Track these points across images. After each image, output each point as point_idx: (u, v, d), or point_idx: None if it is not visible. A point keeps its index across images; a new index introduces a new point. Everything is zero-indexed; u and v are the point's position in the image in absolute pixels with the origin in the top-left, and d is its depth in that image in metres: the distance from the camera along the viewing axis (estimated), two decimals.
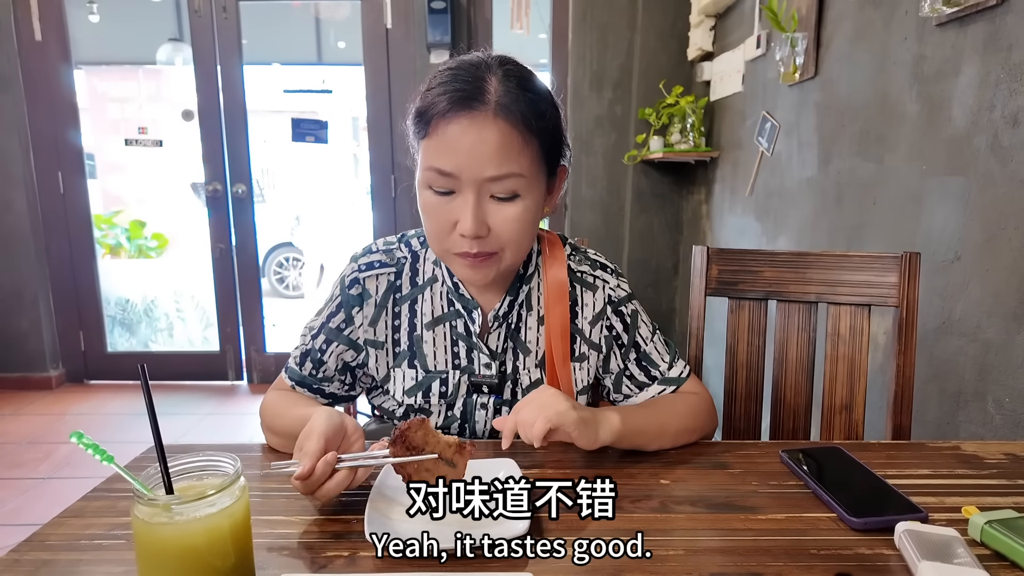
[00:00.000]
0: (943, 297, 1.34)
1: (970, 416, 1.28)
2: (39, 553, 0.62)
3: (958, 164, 1.31)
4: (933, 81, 1.39)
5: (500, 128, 0.76)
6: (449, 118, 0.76)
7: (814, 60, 1.89)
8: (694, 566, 0.60)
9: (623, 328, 0.96)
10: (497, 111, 0.76)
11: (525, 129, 0.77)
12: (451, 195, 0.79)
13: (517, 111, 0.76)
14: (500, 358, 0.92)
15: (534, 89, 0.80)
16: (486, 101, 0.76)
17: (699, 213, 3.01)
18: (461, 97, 0.75)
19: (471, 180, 0.77)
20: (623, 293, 0.97)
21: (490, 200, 0.78)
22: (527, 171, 0.78)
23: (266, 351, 3.54)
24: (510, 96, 0.76)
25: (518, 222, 0.80)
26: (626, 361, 0.96)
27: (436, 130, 0.77)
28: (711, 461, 0.83)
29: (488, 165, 0.76)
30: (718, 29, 2.78)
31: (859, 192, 1.69)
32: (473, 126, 0.75)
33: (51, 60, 3.22)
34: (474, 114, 0.75)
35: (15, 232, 3.28)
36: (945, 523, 0.65)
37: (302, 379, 0.94)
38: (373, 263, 0.92)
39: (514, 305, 0.92)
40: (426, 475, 0.69)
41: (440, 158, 0.77)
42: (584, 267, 0.96)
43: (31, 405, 3.19)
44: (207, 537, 0.52)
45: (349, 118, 6.54)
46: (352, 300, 0.91)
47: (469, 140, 0.75)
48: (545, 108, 0.80)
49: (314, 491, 0.67)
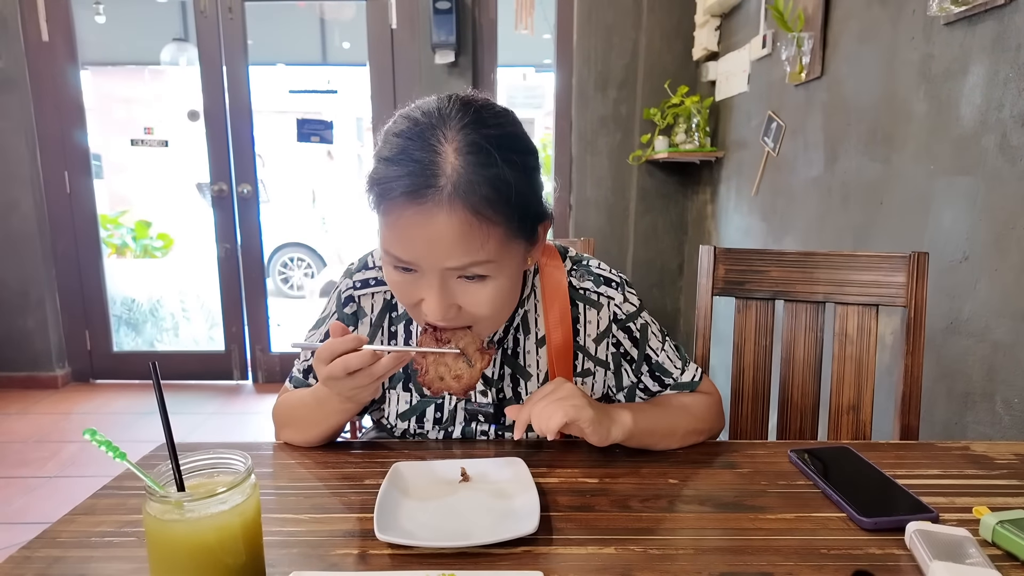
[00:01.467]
0: (951, 297, 1.34)
1: (978, 417, 1.27)
2: (50, 550, 0.62)
3: (966, 164, 1.30)
4: (941, 80, 1.38)
5: (459, 216, 0.65)
6: (401, 205, 0.66)
7: (820, 60, 1.89)
8: (704, 565, 0.60)
9: (631, 344, 0.91)
10: (453, 197, 0.65)
11: (490, 213, 0.66)
12: (413, 273, 0.70)
13: (477, 196, 0.65)
14: (496, 385, 0.88)
15: (498, 161, 0.67)
16: (439, 186, 0.65)
17: (704, 213, 3.01)
18: (410, 185, 0.65)
19: (431, 268, 0.68)
20: (631, 308, 0.90)
21: (458, 281, 0.70)
22: (494, 255, 0.69)
23: (271, 351, 3.55)
24: (469, 176, 0.65)
25: (491, 301, 0.72)
26: (639, 375, 0.92)
27: (389, 214, 0.68)
28: (719, 461, 0.83)
29: (447, 257, 0.67)
30: (723, 29, 2.78)
31: (866, 192, 1.69)
32: (427, 219, 0.65)
33: (58, 60, 3.24)
34: (426, 203, 0.65)
35: (22, 232, 3.30)
36: (956, 523, 0.65)
37: None
38: (368, 280, 0.88)
39: (509, 330, 0.88)
40: (443, 370, 0.70)
41: (395, 246, 0.69)
42: (587, 283, 0.89)
43: (38, 404, 3.20)
44: (218, 534, 0.53)
45: (354, 119, 6.55)
46: (347, 319, 0.89)
47: (423, 233, 0.66)
48: (513, 179, 0.68)
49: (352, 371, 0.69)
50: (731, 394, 1.21)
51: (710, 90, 2.90)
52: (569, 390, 0.76)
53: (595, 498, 0.73)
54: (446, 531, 0.66)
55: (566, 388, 0.76)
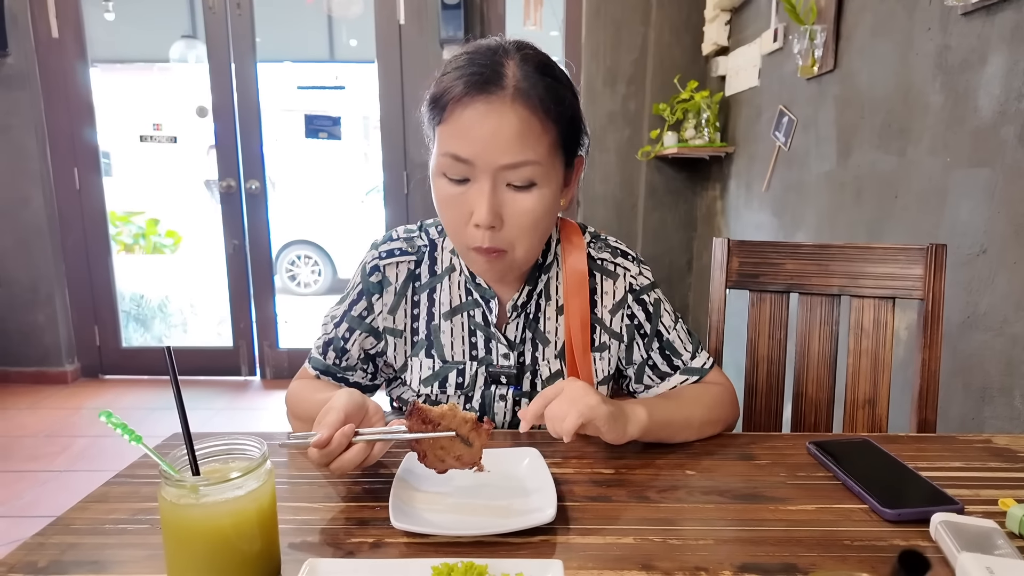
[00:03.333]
0: (968, 291, 1.32)
1: (996, 412, 1.25)
2: (64, 537, 0.62)
3: (984, 155, 1.28)
4: (958, 71, 1.36)
5: (518, 114, 0.73)
6: (465, 103, 0.74)
7: (833, 53, 1.87)
8: (725, 555, 0.59)
9: (645, 317, 0.94)
10: (515, 96, 0.74)
11: (544, 115, 0.75)
12: (465, 183, 0.77)
13: (536, 96, 0.74)
14: (519, 348, 0.91)
15: (553, 74, 0.78)
16: (503, 85, 0.74)
17: (714, 209, 2.99)
18: (478, 81, 0.73)
19: (486, 167, 0.75)
20: (645, 281, 0.94)
21: (506, 189, 0.77)
22: (544, 159, 0.76)
23: (279, 347, 3.55)
24: (529, 80, 0.75)
25: (533, 213, 0.78)
26: (649, 351, 0.94)
27: (452, 115, 0.75)
28: (737, 452, 0.82)
29: (505, 152, 0.74)
30: (733, 23, 2.75)
31: (880, 186, 1.67)
32: (490, 111, 0.73)
33: (68, 57, 3.25)
34: (491, 98, 0.73)
35: (32, 228, 3.31)
36: (981, 515, 0.63)
37: (326, 368, 0.94)
38: (393, 250, 0.92)
39: (532, 295, 0.91)
40: (441, 452, 0.67)
41: (456, 143, 0.75)
42: (604, 255, 0.94)
43: (48, 399, 3.22)
44: (233, 519, 0.52)
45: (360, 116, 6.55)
46: (372, 288, 0.91)
47: (486, 125, 0.73)
48: (564, 94, 0.78)
49: (330, 463, 0.66)
50: (745, 388, 1.19)
51: (720, 85, 2.88)
52: (581, 389, 0.74)
53: (612, 488, 0.72)
54: (462, 520, 0.65)
55: (577, 387, 0.74)
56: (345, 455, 0.66)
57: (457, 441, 0.67)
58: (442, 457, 0.68)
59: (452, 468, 0.68)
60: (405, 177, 3.35)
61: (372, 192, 5.45)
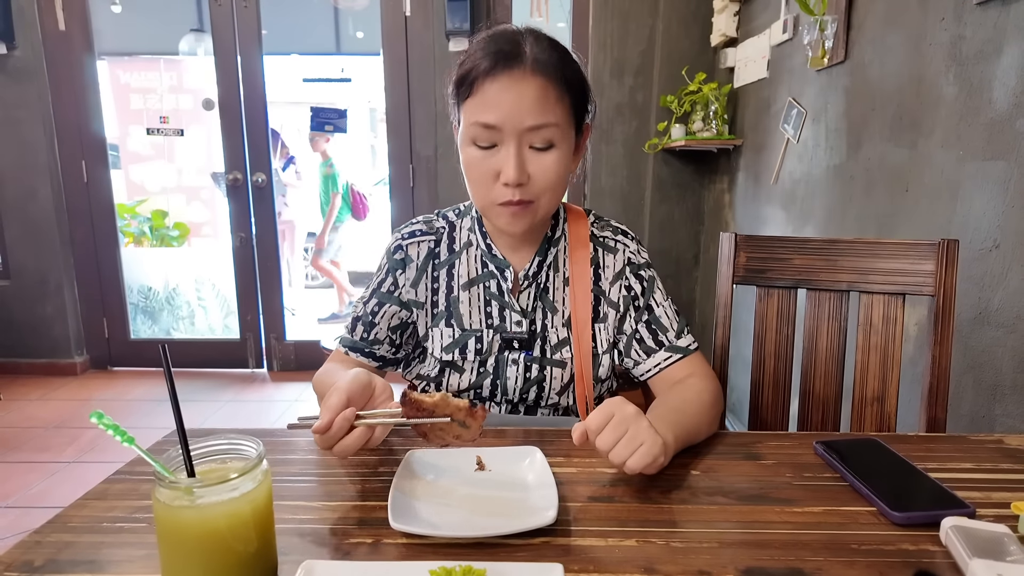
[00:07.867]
0: (980, 287, 1.30)
1: (1007, 410, 1.23)
2: (61, 535, 0.61)
3: (999, 148, 1.26)
4: (972, 63, 1.33)
5: (537, 82, 0.84)
6: (492, 76, 0.84)
7: (844, 44, 1.84)
8: (729, 559, 0.58)
9: (640, 290, 1.00)
10: (534, 66, 0.84)
11: (559, 82, 0.85)
12: (493, 149, 0.86)
13: (551, 65, 0.85)
14: (530, 316, 0.98)
15: (563, 49, 0.89)
16: (523, 59, 0.84)
17: (721, 202, 2.96)
18: (501, 57, 0.84)
19: (512, 131, 0.84)
20: (642, 259, 1.02)
21: (529, 151, 0.86)
22: (562, 121, 0.86)
23: (286, 339, 3.56)
24: (545, 53, 0.85)
25: (554, 170, 0.87)
26: (638, 323, 0.99)
27: (479, 89, 0.84)
28: (743, 452, 0.81)
29: (528, 116, 0.83)
30: (742, 14, 2.72)
31: (890, 179, 1.64)
32: (513, 81, 0.83)
33: (75, 50, 3.25)
34: (513, 71, 0.83)
35: (40, 220, 3.33)
36: (993, 519, 0.62)
37: (353, 344, 1.00)
38: (415, 232, 1.01)
39: (543, 266, 0.99)
40: (441, 434, 0.71)
41: (484, 113, 0.84)
42: (606, 232, 1.03)
43: (57, 391, 3.24)
44: (229, 521, 0.51)
45: (367, 109, 6.54)
46: (396, 264, 0.99)
47: (510, 95, 0.83)
48: (574, 65, 0.90)
49: (332, 446, 0.69)
50: (751, 384, 1.18)
51: (728, 77, 2.85)
52: (643, 431, 0.69)
53: (614, 488, 0.71)
54: (462, 521, 0.64)
55: (640, 427, 0.69)
56: (346, 439, 0.68)
57: (454, 425, 0.70)
58: (443, 437, 0.71)
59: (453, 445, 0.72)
60: (411, 171, 3.34)
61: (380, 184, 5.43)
